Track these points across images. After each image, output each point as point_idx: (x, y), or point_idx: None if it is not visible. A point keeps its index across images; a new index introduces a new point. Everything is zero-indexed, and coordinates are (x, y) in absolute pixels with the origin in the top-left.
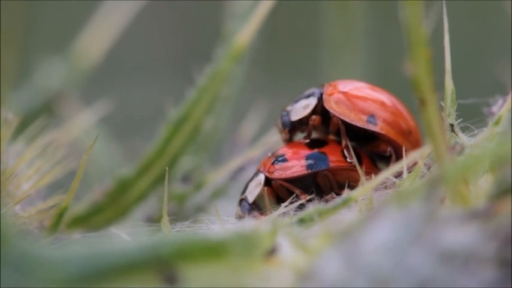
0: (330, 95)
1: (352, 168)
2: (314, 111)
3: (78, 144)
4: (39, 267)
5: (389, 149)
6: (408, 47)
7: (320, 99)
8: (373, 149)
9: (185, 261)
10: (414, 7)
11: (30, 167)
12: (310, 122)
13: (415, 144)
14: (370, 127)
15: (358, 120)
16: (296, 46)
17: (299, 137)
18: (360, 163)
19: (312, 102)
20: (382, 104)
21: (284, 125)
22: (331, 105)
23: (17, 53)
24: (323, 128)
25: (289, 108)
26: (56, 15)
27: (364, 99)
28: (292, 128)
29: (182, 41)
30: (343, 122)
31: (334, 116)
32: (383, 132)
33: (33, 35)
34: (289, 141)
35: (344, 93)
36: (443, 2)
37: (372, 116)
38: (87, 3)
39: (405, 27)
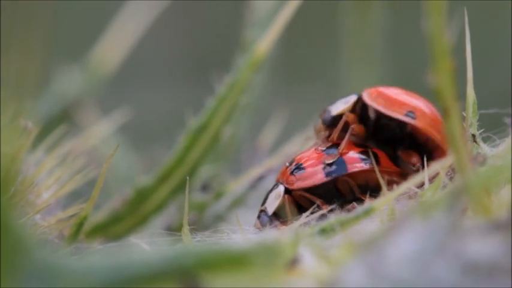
0: (372, 93)
1: (372, 170)
2: (353, 110)
3: (96, 152)
4: (61, 277)
5: (418, 164)
6: (431, 58)
7: (359, 98)
8: (404, 157)
9: (207, 271)
10: (437, 18)
11: (50, 176)
12: (344, 118)
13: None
14: (409, 120)
15: (398, 113)
16: (314, 54)
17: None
18: (378, 162)
19: (352, 98)
20: (422, 103)
21: (324, 121)
22: (374, 99)
23: (37, 62)
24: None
25: (328, 108)
26: (73, 24)
27: (403, 98)
28: (332, 123)
29: (201, 50)
30: (381, 119)
31: (374, 111)
32: (420, 126)
33: (51, 44)
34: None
35: (384, 92)
36: (465, 11)
37: (411, 111)
38: (103, 11)
39: (428, 38)
